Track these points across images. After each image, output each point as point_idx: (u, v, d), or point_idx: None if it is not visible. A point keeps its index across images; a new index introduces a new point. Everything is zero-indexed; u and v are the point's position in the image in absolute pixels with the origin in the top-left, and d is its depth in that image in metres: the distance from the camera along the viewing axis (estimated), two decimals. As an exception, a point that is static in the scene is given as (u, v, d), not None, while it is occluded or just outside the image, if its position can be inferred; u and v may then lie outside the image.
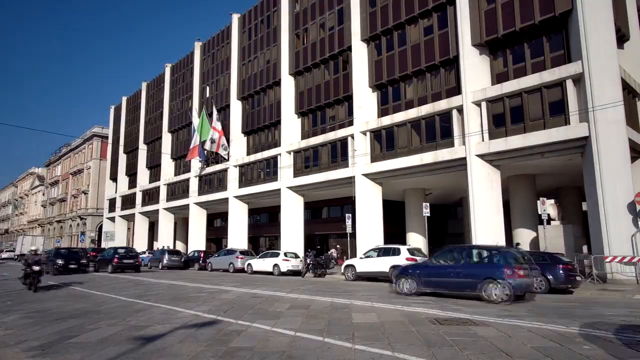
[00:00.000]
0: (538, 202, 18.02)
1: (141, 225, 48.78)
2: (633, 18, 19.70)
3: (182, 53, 77.27)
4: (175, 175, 43.79)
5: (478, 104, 20.07)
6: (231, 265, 26.18)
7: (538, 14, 18.45)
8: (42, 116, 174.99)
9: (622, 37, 18.45)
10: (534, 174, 22.72)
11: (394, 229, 28.27)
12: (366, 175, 24.75)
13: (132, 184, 51.63)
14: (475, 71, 20.46)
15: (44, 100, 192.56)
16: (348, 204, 28.54)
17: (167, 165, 44.67)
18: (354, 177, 24.98)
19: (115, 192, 54.94)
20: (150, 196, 46.85)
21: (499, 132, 19.32)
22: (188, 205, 39.46)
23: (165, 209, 43.52)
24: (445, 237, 35.96)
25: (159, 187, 44.79)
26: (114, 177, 56.32)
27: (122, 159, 54.27)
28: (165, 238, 42.99)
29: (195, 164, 38.93)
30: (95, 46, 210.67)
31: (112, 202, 55.45)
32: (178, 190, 42.21)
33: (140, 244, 46.88)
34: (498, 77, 20.29)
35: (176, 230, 45.92)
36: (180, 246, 45.57)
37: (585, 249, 18.60)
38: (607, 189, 15.77)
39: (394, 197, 28.77)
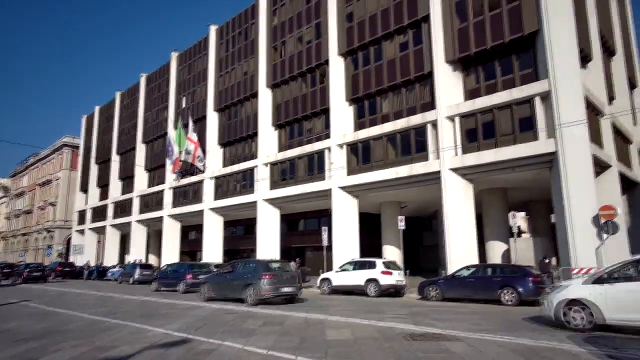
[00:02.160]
0: (509, 215, 18.47)
1: (112, 238, 47.39)
2: (595, 39, 20.65)
3: (158, 64, 76.32)
4: (149, 186, 42.87)
5: (452, 119, 20.54)
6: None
7: (508, 33, 19.13)
8: (8, 125, 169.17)
9: (585, 57, 19.29)
10: (506, 187, 23.30)
11: (370, 242, 28.38)
12: (343, 188, 24.85)
13: (104, 195, 50.23)
14: (449, 87, 20.97)
15: (12, 108, 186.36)
16: (325, 216, 28.55)
17: (141, 177, 43.70)
18: (330, 189, 25.04)
19: (86, 204, 53.28)
20: (123, 208, 45.64)
21: (472, 147, 19.78)
22: (162, 217, 38.62)
23: (138, 221, 42.45)
24: (420, 249, 36.37)
25: (131, 198, 43.71)
26: (84, 189, 54.66)
27: (94, 169, 52.81)
28: (138, 251, 41.85)
29: (170, 175, 38.27)
30: (69, 56, 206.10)
31: (82, 214, 53.75)
32: (152, 202, 41.29)
33: (110, 258, 45.48)
34: (471, 93, 20.85)
35: (149, 243, 44.80)
36: (153, 260, 44.45)
37: (554, 261, 19.12)
38: (574, 202, 16.31)
39: (370, 209, 28.96)
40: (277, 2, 31.29)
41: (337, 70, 25.95)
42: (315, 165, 26.65)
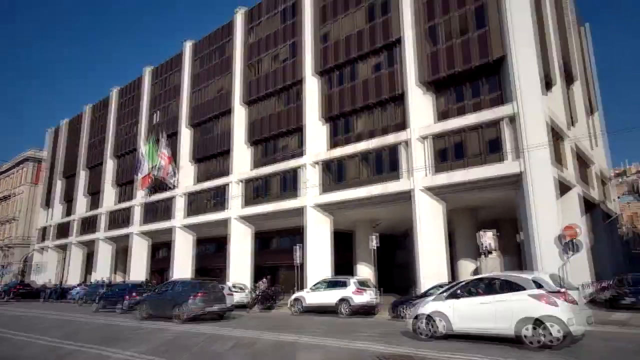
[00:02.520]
0: (478, 233, 18.89)
1: (76, 257, 45.45)
2: (557, 66, 21.74)
3: (130, 78, 75.25)
4: (118, 202, 41.61)
5: (423, 139, 21.01)
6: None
7: (476, 58, 19.90)
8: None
9: (548, 83, 20.24)
10: (475, 206, 23.88)
11: (343, 260, 28.32)
12: (316, 206, 24.85)
13: (69, 211, 48.35)
14: (421, 108, 21.52)
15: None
16: (298, 234, 28.34)
17: (109, 192, 42.41)
18: (304, 207, 24.99)
19: (49, 220, 51.12)
20: (89, 225, 44.02)
21: (443, 167, 20.25)
22: (130, 234, 37.45)
23: (104, 238, 41.00)
24: (393, 268, 36.51)
25: (98, 215, 42.26)
26: (48, 204, 52.50)
27: (59, 185, 50.91)
28: (104, 270, 40.26)
29: (140, 191, 37.30)
30: (37, 69, 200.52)
31: (45, 231, 51.46)
32: (120, 218, 40.03)
33: (74, 277, 43.56)
34: (442, 115, 21.44)
35: (116, 261, 43.22)
36: (119, 278, 42.79)
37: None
38: (539, 222, 16.85)
39: (343, 227, 28.99)
40: (254, 21, 31.57)
41: (312, 89, 26.23)
42: (289, 183, 26.60)
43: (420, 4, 22.17)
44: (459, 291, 10.13)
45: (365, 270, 26.61)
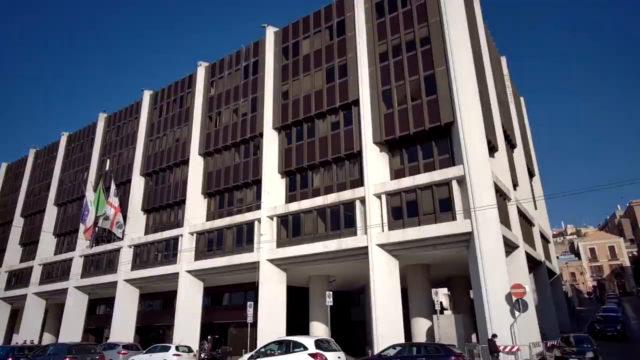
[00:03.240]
0: (432, 292, 19.08)
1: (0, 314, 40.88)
2: (500, 133, 23.56)
3: (82, 123, 73.01)
4: (56, 253, 38.60)
5: (379, 196, 21.55)
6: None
7: (428, 121, 21.17)
8: None
9: (492, 148, 21.78)
10: (429, 263, 24.28)
11: (298, 317, 27.39)
12: (271, 260, 24.29)
13: (-2, 262, 44.09)
14: (377, 166, 22.26)
15: None
16: (251, 290, 27.31)
17: (48, 242, 39.37)
18: (258, 262, 24.33)
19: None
20: (19, 278, 40.22)
21: (397, 224, 20.69)
22: (67, 289, 34.47)
23: (37, 293, 37.43)
24: (348, 325, 35.71)
25: (32, 267, 38.83)
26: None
27: (-11, 232, 46.71)
28: (32, 330, 36.38)
29: (83, 242, 34.95)
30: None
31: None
32: (56, 271, 36.97)
33: (-5, 337, 38.90)
34: (396, 173, 22.26)
35: (46, 319, 39.30)
36: (49, 339, 38.66)
37: (474, 337, 19.72)
38: (489, 280, 17.34)
39: (298, 283, 28.33)
40: (215, 75, 32.20)
41: (270, 143, 26.56)
42: (244, 237, 26.01)
43: (375, 69, 23.66)
44: (256, 354, 12.17)
45: (320, 328, 25.80)
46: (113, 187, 33.50)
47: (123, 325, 30.28)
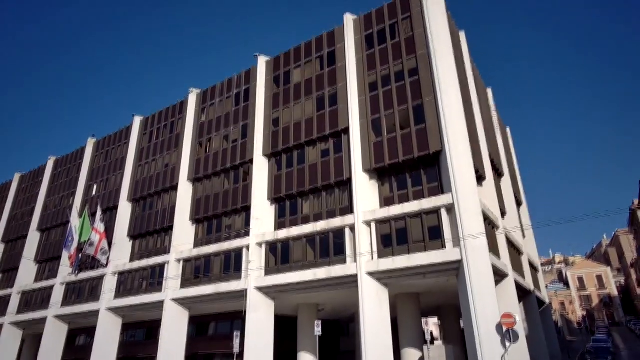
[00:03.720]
0: (422, 321, 18.82)
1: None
2: (487, 162, 23.95)
3: (71, 148, 72.46)
4: (37, 281, 37.42)
5: (368, 224, 21.49)
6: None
7: (416, 150, 21.42)
8: None
9: (480, 177, 22.06)
10: (419, 292, 24.07)
11: (286, 347, 26.75)
12: (259, 288, 23.83)
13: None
14: (366, 193, 22.31)
15: None
16: (238, 319, 26.69)
17: (28, 269, 38.19)
18: (246, 290, 23.85)
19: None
20: (-4, 306, 38.72)
21: (387, 252, 20.57)
22: (46, 318, 33.24)
23: (13, 323, 36.01)
24: (337, 356, 34.89)
25: (10, 295, 37.50)
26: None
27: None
28: (6, 361, 34.78)
29: (65, 268, 34.00)
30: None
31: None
32: (36, 299, 35.73)
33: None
34: (386, 201, 22.31)
35: (22, 350, 37.67)
36: (24, 371, 37.03)
37: (465, 369, 19.35)
38: (479, 310, 17.20)
39: (287, 312, 27.79)
40: (207, 101, 32.45)
41: (260, 169, 26.56)
42: (232, 264, 25.58)
43: (365, 98, 24.09)
44: None
45: (308, 359, 25.13)
46: (99, 212, 32.94)
47: (104, 356, 29.14)
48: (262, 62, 29.78)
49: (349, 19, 26.42)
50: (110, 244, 32.03)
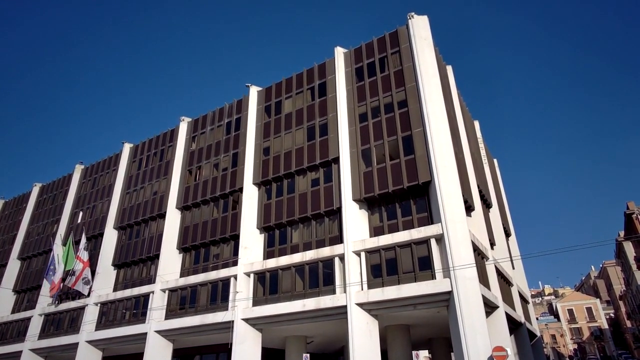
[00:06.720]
0: (413, 353, 18.40)
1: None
2: (475, 193, 24.19)
3: (59, 174, 71.61)
4: (14, 312, 36.03)
5: (358, 253, 21.32)
6: None
7: (406, 180, 21.60)
8: None
9: (469, 208, 22.22)
10: (409, 324, 23.65)
11: (272, 383, 25.82)
12: (246, 320, 23.23)
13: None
14: (356, 223, 22.24)
15: None
16: (224, 351, 25.86)
17: (6, 299, 36.83)
18: (233, 321, 23.22)
19: None
20: (-30, 339, 37.00)
21: (377, 282, 20.33)
22: (20, 352, 31.79)
23: (-13, 356, 34.34)
24: (325, 392, 33.75)
25: (-15, 326, 35.94)
26: None
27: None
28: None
29: (44, 299, 32.86)
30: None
31: None
32: (11, 332, 34.29)
33: None
34: (375, 231, 22.25)
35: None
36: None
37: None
38: (470, 342, 16.91)
39: (274, 344, 27.01)
40: (198, 130, 32.58)
41: (250, 198, 26.44)
42: (218, 294, 25.00)
43: (355, 128, 24.43)
44: None
45: (295, 396, 24.22)
46: (84, 240, 32.22)
47: (81, 392, 27.76)
48: (253, 92, 30.21)
49: (339, 52, 27.14)
50: (93, 273, 31.18)
